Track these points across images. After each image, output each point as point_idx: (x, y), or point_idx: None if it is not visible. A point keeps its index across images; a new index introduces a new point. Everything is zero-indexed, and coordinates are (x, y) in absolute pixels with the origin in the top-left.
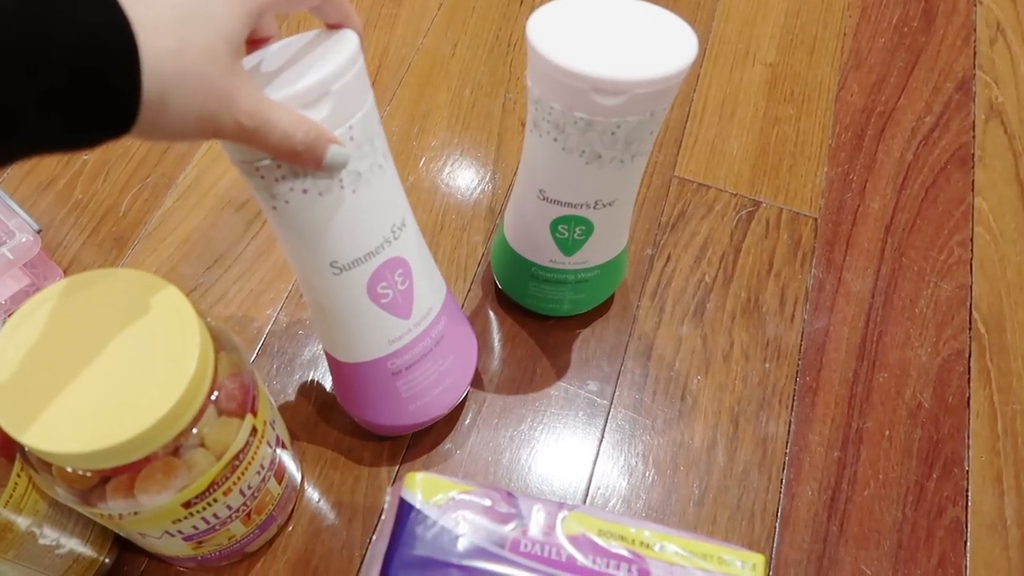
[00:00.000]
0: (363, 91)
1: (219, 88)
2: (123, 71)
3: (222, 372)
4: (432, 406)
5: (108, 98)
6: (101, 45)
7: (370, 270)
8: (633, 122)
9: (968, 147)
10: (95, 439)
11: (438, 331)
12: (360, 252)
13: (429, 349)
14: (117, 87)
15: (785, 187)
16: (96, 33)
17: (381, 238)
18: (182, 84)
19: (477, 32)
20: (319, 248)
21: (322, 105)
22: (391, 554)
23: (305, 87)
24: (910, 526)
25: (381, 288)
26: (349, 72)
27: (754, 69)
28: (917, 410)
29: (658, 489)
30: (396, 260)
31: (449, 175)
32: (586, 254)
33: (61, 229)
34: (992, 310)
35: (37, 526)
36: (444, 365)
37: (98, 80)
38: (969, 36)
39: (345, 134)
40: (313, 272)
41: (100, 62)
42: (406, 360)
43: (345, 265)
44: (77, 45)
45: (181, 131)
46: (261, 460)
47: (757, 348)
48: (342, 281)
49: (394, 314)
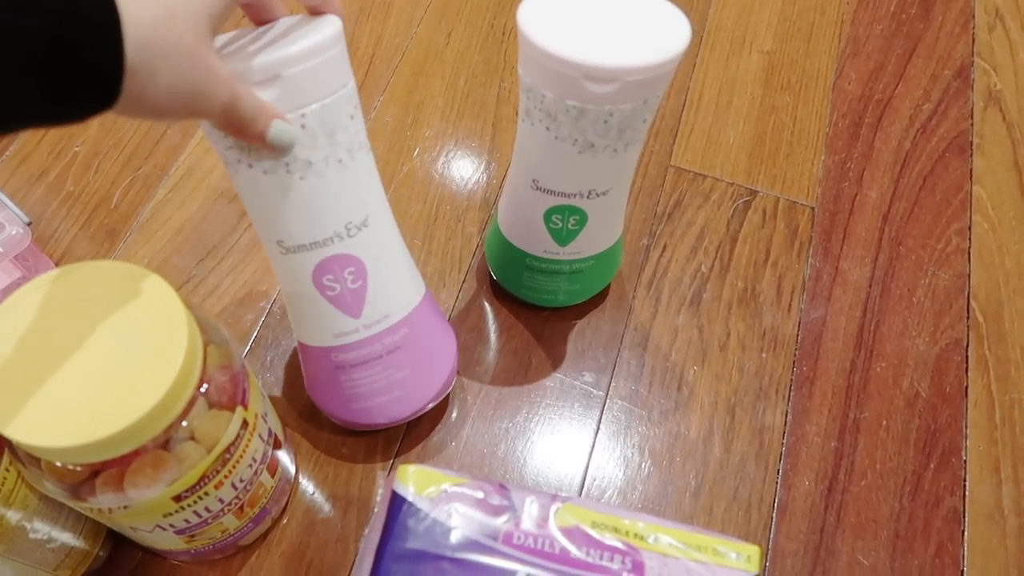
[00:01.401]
0: (327, 82)
1: (203, 64)
2: (105, 40)
3: (212, 365)
4: (375, 411)
5: (91, 67)
6: (82, 13)
7: (315, 260)
8: (626, 110)
9: (966, 135)
10: (83, 433)
11: (393, 340)
12: (304, 239)
13: (379, 355)
14: (99, 55)
15: (782, 176)
16: (77, 1)
17: (331, 231)
18: (169, 55)
19: (471, 20)
20: (266, 224)
21: (273, 87)
22: (383, 547)
23: (255, 65)
24: (907, 516)
25: (327, 280)
26: (310, 60)
27: (751, 57)
28: (915, 400)
29: (654, 480)
30: (347, 257)
31: (443, 165)
32: (580, 244)
33: (52, 221)
34: (990, 299)
35: (28, 520)
36: (396, 376)
37: (79, 48)
38: (968, 23)
39: (296, 121)
40: (266, 245)
41: (81, 29)
42: (351, 358)
43: (290, 248)
44: (58, 12)
45: (165, 104)
46: (253, 453)
47: (754, 338)
48: (288, 262)
49: (340, 309)
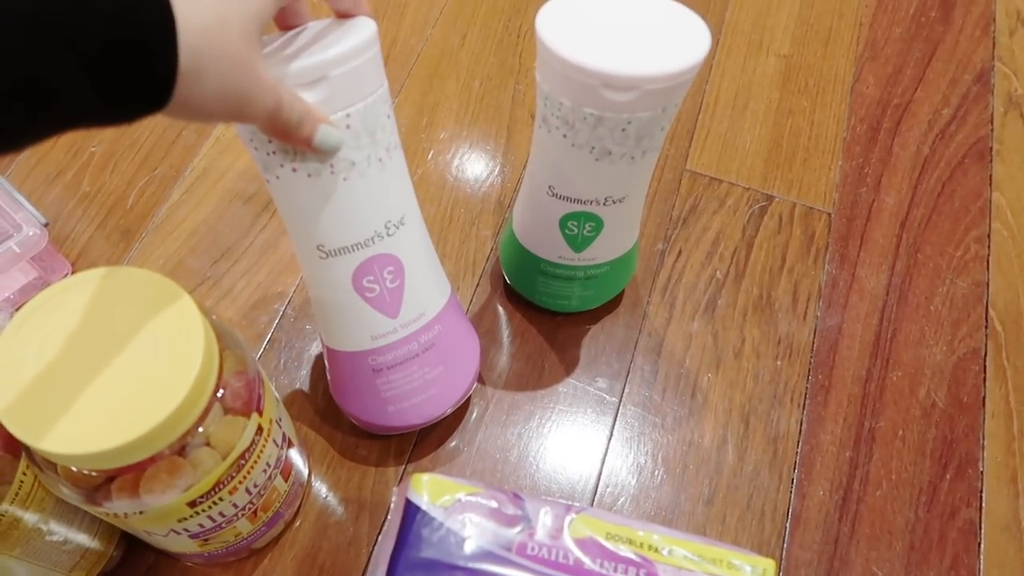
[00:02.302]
0: (368, 82)
1: (251, 70)
2: (160, 45)
3: (227, 370)
4: (411, 413)
5: (145, 72)
6: (139, 18)
7: (357, 261)
8: (644, 118)
9: (986, 140)
10: (100, 439)
11: (428, 338)
12: (347, 241)
13: (415, 354)
14: (154, 60)
15: (799, 181)
16: (134, 5)
17: (372, 231)
18: (217, 61)
19: (487, 22)
20: (306, 229)
21: (318, 88)
22: (397, 556)
23: (301, 68)
24: (923, 527)
25: (367, 282)
26: (353, 60)
27: (768, 60)
28: (931, 409)
29: (667, 488)
30: (387, 257)
31: (458, 168)
32: (595, 251)
33: (69, 222)
34: (1009, 308)
35: (44, 522)
36: (431, 374)
37: (135, 53)
38: (988, 26)
39: (341, 121)
40: (303, 252)
41: (138, 35)
42: (388, 360)
43: (331, 251)
44: (115, 17)
45: (212, 109)
46: (267, 458)
47: (769, 345)
48: (328, 266)
49: (379, 311)
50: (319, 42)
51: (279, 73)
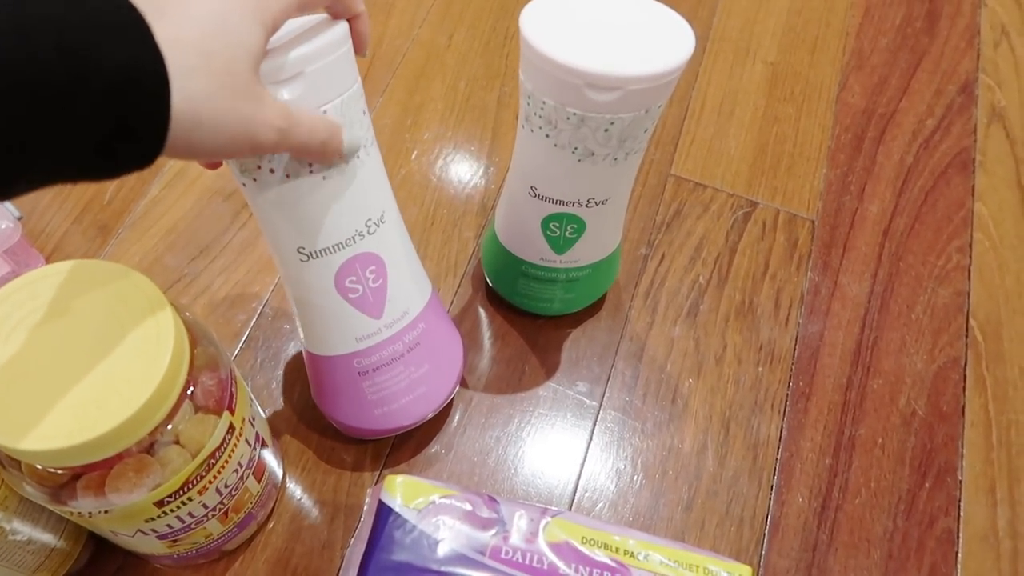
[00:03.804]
0: (344, 78)
1: (247, 96)
2: (153, 109)
3: (198, 367)
4: (399, 414)
5: (140, 139)
6: (136, 88)
7: (338, 262)
8: (627, 119)
9: (969, 151)
10: (65, 435)
11: (413, 336)
12: (328, 242)
13: (401, 354)
14: (146, 124)
15: (783, 188)
16: (130, 75)
17: (353, 231)
18: (210, 101)
19: (474, 23)
20: (286, 231)
21: (295, 85)
22: (368, 558)
23: (276, 65)
24: (901, 536)
25: (350, 282)
26: (328, 56)
27: (754, 67)
28: (911, 418)
29: (646, 493)
30: (369, 256)
31: (441, 169)
32: (577, 253)
33: (44, 216)
34: (990, 318)
35: (6, 521)
36: (417, 373)
37: (128, 119)
38: (973, 38)
39: None
40: (282, 256)
41: (133, 105)
42: (374, 361)
43: (312, 253)
44: (112, 89)
45: (215, 148)
46: (239, 458)
47: (750, 351)
48: (309, 268)
49: (363, 311)
50: (291, 40)
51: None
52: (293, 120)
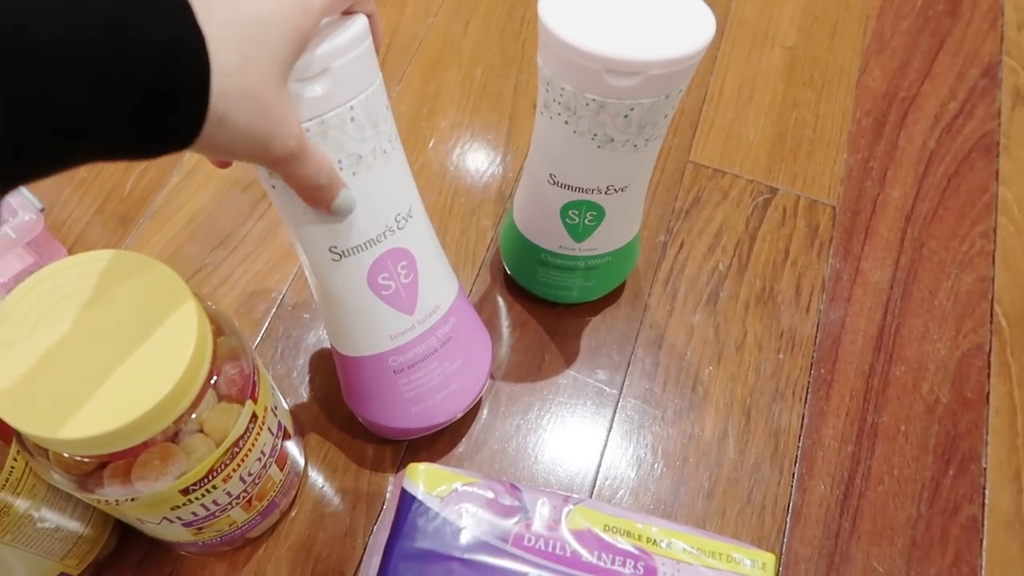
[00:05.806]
0: (367, 72)
1: (274, 111)
2: (193, 93)
3: (222, 357)
4: (436, 411)
5: (177, 116)
6: (177, 66)
7: (371, 259)
8: (647, 104)
9: (993, 135)
10: (91, 424)
11: (445, 331)
12: (360, 239)
13: (434, 349)
14: (189, 108)
15: (803, 174)
16: (173, 53)
17: (383, 226)
18: (241, 103)
19: (489, 10)
20: (317, 231)
21: (322, 81)
22: (392, 546)
23: (305, 61)
24: (925, 523)
25: (382, 279)
26: (352, 51)
27: (773, 52)
28: (934, 405)
29: (667, 481)
30: (399, 251)
31: (459, 157)
32: (597, 240)
33: (66, 207)
34: (1014, 304)
35: (35, 509)
36: (451, 368)
37: (172, 101)
38: (996, 20)
39: (345, 114)
40: (313, 257)
41: (174, 83)
42: (409, 358)
43: (344, 251)
44: (155, 66)
45: (231, 149)
46: (262, 447)
47: (771, 338)
48: (341, 268)
49: (396, 308)
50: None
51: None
52: (307, 150)
